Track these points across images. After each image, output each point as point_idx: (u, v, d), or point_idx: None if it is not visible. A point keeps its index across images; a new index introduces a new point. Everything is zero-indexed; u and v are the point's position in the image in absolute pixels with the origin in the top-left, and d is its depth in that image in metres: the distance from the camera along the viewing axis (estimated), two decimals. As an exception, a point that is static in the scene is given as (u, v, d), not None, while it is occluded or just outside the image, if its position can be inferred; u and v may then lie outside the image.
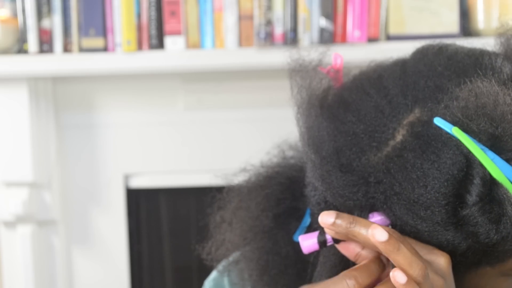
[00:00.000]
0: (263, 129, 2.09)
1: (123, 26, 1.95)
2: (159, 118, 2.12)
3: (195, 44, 1.97)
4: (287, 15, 1.94)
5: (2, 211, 2.07)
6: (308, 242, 0.70)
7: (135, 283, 2.22)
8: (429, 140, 0.65)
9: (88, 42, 1.96)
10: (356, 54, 1.87)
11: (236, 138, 2.12)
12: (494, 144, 0.64)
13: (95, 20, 1.96)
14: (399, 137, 0.68)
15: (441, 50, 0.72)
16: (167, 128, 2.13)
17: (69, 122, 2.12)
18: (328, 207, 0.71)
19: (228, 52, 1.95)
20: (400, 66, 0.72)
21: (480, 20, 1.92)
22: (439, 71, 0.70)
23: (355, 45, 1.91)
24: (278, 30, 1.95)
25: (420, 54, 0.73)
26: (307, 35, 1.93)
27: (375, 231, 0.63)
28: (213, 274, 0.95)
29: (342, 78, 0.76)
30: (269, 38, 1.95)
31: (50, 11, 1.97)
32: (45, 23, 1.97)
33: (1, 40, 1.96)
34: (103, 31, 1.96)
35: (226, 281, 0.92)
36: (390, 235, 0.63)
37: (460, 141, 0.64)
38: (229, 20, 1.96)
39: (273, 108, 2.10)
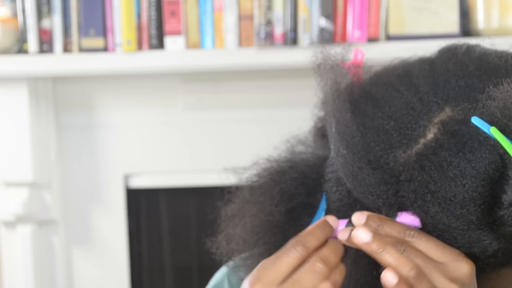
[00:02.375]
0: (263, 129, 2.09)
1: (123, 26, 1.95)
2: (159, 118, 2.12)
3: (195, 44, 1.97)
4: (287, 15, 1.94)
5: (2, 211, 2.07)
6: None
7: (135, 283, 2.22)
8: (465, 139, 0.65)
9: (88, 42, 1.96)
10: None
11: (236, 138, 2.12)
12: None
13: (95, 20, 1.96)
14: (430, 135, 0.67)
15: (469, 50, 0.72)
16: (167, 128, 2.13)
17: (69, 122, 2.12)
18: (353, 203, 0.71)
19: (228, 52, 1.95)
20: (429, 64, 0.72)
21: (480, 20, 1.92)
22: (470, 71, 0.69)
23: (355, 45, 1.91)
24: (278, 30, 1.95)
25: (448, 53, 0.73)
26: (307, 35, 1.93)
27: (358, 232, 0.63)
28: (223, 270, 0.94)
29: (361, 74, 0.76)
30: (269, 38, 1.95)
31: (50, 11, 1.97)
32: (45, 23, 1.97)
33: (1, 40, 1.96)
34: (103, 31, 1.96)
35: (235, 279, 0.92)
36: (374, 235, 0.63)
37: (496, 142, 0.64)
38: (229, 20, 1.95)
39: (273, 108, 2.10)
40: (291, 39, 1.95)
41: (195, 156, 2.14)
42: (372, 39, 1.93)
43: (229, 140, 2.12)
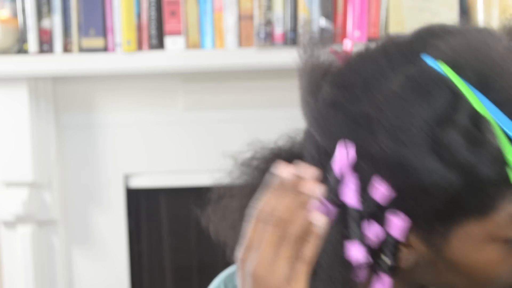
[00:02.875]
0: (264, 129, 2.09)
1: (123, 26, 1.95)
2: (159, 118, 2.12)
3: (195, 44, 1.97)
4: (287, 15, 1.95)
5: (2, 211, 2.07)
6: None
7: (135, 283, 2.22)
8: (419, 80, 0.70)
9: (88, 42, 1.96)
10: (356, 54, 1.88)
11: (236, 138, 2.12)
12: (481, 83, 0.68)
13: (95, 20, 1.96)
14: (393, 81, 0.71)
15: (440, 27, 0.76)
16: (167, 128, 2.13)
17: (69, 122, 2.12)
18: (324, 159, 0.73)
19: (228, 52, 1.95)
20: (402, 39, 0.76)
21: (480, 20, 1.92)
22: (437, 33, 0.74)
23: (355, 45, 1.91)
24: (278, 30, 1.95)
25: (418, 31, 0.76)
26: (306, 36, 1.93)
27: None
28: (221, 276, 0.94)
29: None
30: (269, 38, 1.95)
31: (50, 11, 1.97)
32: (45, 23, 1.97)
33: (1, 40, 1.96)
34: (103, 31, 1.96)
35: (231, 286, 0.91)
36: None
37: (448, 79, 0.68)
38: (229, 20, 1.96)
39: (274, 108, 2.10)
40: (291, 39, 1.95)
41: (195, 156, 2.14)
42: (372, 39, 1.93)
43: (228, 140, 2.12)
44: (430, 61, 0.70)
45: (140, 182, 2.17)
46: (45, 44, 1.97)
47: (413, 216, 0.70)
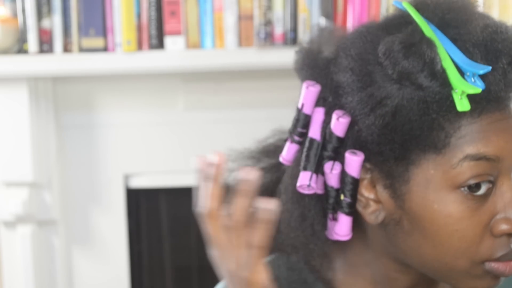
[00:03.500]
0: (264, 129, 2.09)
1: (123, 26, 1.95)
2: (159, 118, 2.12)
3: (195, 44, 1.97)
4: (287, 15, 1.95)
5: (2, 211, 2.07)
6: None
7: (135, 283, 2.22)
8: (385, 20, 0.77)
9: (88, 42, 1.96)
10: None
11: (236, 138, 2.12)
12: (440, 20, 0.74)
13: (95, 20, 1.96)
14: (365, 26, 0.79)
15: None
16: (167, 128, 2.13)
17: (69, 122, 2.12)
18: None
19: (228, 52, 1.95)
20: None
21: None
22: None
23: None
24: (278, 30, 1.95)
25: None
26: (307, 35, 1.93)
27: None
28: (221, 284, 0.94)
29: None
30: (269, 38, 1.95)
31: (50, 11, 1.97)
32: (45, 23, 1.97)
33: (1, 40, 1.96)
34: (103, 31, 1.96)
35: None
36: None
37: (410, 17, 0.74)
38: (229, 20, 1.96)
39: (274, 108, 2.10)
40: (291, 39, 1.95)
41: (195, 156, 2.13)
42: (372, 39, 1.93)
43: (228, 140, 2.12)
44: (398, 4, 0.76)
45: (140, 182, 2.17)
46: (45, 44, 1.97)
47: (372, 154, 0.73)
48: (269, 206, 0.69)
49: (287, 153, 0.78)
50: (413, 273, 0.78)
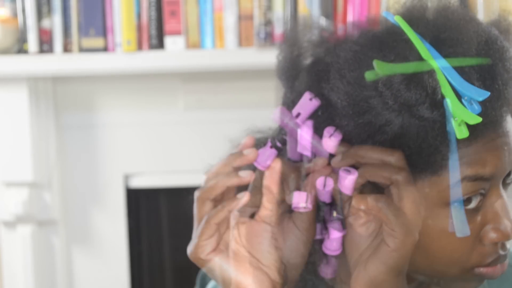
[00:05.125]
0: (263, 129, 2.09)
1: (123, 26, 1.95)
2: (159, 118, 2.12)
3: (195, 44, 1.97)
4: (287, 15, 1.95)
5: (2, 211, 2.07)
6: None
7: (135, 283, 2.22)
8: (378, 34, 0.74)
9: (88, 42, 1.96)
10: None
11: (235, 138, 2.12)
12: (434, 37, 0.72)
13: (95, 20, 1.96)
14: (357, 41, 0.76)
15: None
16: (167, 128, 2.13)
17: (69, 122, 2.12)
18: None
19: (228, 52, 1.95)
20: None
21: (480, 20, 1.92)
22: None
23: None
24: (278, 30, 1.95)
25: None
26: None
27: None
28: None
29: None
30: (269, 38, 1.95)
31: (50, 11, 1.97)
32: (45, 23, 1.97)
33: (1, 40, 1.96)
34: (103, 31, 1.96)
35: None
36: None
37: (403, 32, 0.72)
38: (229, 20, 1.96)
39: (273, 108, 2.10)
40: (291, 39, 1.94)
41: (195, 156, 2.13)
42: (372, 39, 1.93)
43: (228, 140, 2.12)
44: (389, 16, 0.74)
45: (140, 182, 2.17)
46: (45, 44, 1.97)
47: (367, 172, 0.72)
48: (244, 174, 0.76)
49: (266, 158, 0.77)
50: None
